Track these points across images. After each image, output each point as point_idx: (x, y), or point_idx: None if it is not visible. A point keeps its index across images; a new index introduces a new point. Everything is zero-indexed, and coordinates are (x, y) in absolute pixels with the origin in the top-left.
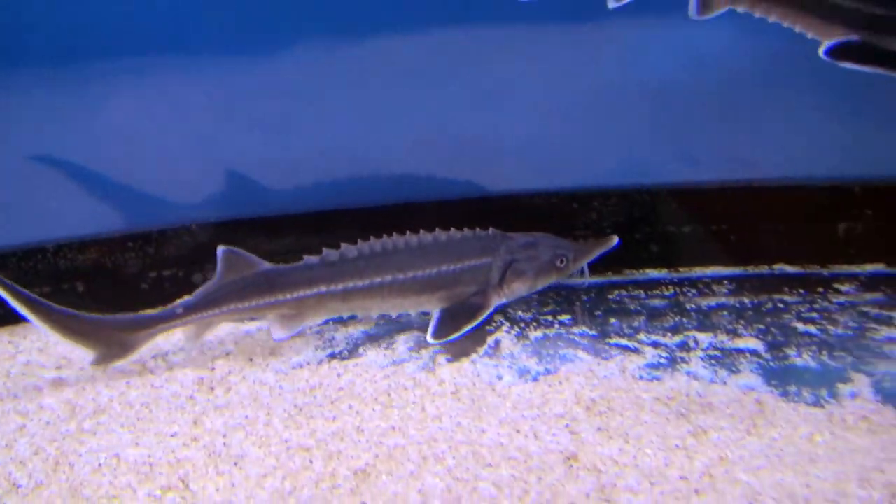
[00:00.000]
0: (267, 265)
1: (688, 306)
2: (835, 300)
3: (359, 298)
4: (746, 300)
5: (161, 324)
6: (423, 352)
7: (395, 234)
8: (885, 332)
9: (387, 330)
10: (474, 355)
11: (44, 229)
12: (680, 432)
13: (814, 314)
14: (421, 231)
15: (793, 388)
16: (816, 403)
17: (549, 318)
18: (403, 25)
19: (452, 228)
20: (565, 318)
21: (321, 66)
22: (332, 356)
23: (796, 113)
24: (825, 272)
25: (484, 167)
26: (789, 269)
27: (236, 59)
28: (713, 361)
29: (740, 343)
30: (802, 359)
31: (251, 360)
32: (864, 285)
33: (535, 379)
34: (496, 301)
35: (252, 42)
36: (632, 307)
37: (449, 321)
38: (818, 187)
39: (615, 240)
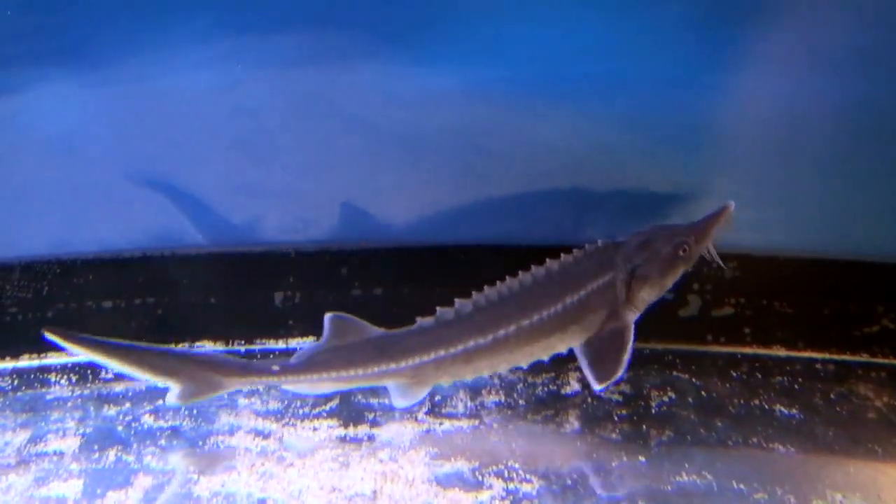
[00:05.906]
0: (378, 330)
1: None
2: None
3: (484, 357)
4: None
5: (253, 376)
6: None
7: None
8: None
9: None
10: None
11: None
12: None
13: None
14: (532, 267)
15: None
16: None
17: None
18: None
19: (561, 254)
20: None
21: None
22: None
23: None
24: None
25: None
26: None
27: None
28: None
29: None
30: None
31: None
32: None
33: None
34: (632, 316)
35: None
36: None
37: (600, 362)
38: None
39: (731, 205)
